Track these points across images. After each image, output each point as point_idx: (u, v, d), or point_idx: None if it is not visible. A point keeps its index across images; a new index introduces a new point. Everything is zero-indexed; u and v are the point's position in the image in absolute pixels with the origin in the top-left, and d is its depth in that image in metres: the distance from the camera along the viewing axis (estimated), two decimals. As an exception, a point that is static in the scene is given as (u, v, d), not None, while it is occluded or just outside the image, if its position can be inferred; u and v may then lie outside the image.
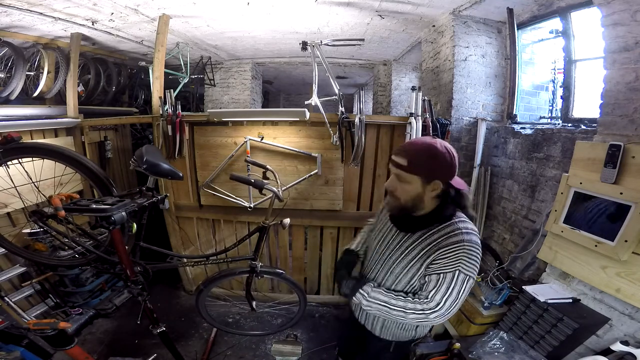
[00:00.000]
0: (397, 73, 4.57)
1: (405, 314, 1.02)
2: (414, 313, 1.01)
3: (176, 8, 2.60)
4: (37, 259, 2.02)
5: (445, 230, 1.04)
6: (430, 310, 1.00)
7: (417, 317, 1.01)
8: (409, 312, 1.02)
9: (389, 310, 1.05)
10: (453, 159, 1.02)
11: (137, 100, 4.67)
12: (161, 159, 1.66)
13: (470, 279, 1.00)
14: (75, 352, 1.47)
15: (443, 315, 1.00)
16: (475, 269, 1.01)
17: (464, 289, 0.99)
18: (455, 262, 0.99)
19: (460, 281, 0.99)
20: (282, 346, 1.82)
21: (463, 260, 0.99)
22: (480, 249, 1.02)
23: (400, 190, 1.06)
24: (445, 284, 0.99)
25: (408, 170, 1.02)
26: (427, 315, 1.00)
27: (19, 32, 2.82)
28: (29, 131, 2.62)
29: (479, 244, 1.03)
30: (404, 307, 1.03)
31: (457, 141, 2.69)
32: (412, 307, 1.02)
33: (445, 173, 1.02)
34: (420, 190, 1.03)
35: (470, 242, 1.00)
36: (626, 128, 1.52)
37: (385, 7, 2.56)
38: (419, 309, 1.01)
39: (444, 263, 1.01)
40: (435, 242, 1.04)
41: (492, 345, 1.53)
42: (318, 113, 2.36)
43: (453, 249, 1.00)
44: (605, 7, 1.55)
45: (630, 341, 1.36)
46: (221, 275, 2.02)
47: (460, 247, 0.99)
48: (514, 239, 2.35)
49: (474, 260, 1.00)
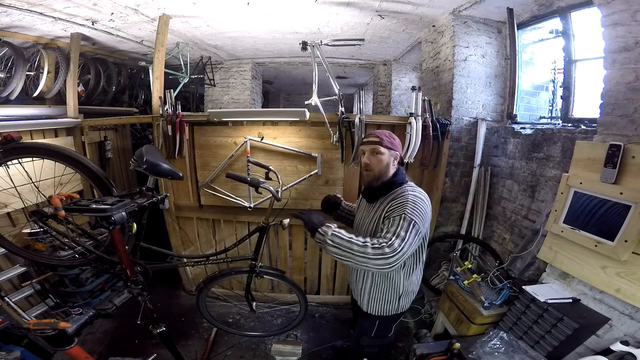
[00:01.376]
0: (397, 73, 4.57)
1: (364, 248, 1.15)
2: (373, 248, 1.14)
3: (176, 8, 2.60)
4: (37, 259, 2.02)
5: (398, 191, 1.36)
6: (384, 244, 1.14)
7: (375, 252, 1.13)
8: (369, 251, 1.14)
9: (348, 250, 1.17)
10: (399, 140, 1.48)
11: (137, 100, 4.67)
12: (161, 159, 1.66)
13: (415, 223, 1.21)
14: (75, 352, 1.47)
15: (395, 252, 1.13)
16: (418, 216, 1.23)
17: (410, 229, 1.19)
18: (401, 209, 1.25)
19: (406, 223, 1.20)
20: (282, 346, 1.83)
21: (407, 207, 1.24)
22: (424, 203, 1.29)
23: (374, 162, 1.39)
24: (394, 225, 1.21)
25: (381, 144, 1.38)
26: (382, 250, 1.13)
27: (19, 32, 2.82)
28: (29, 131, 2.62)
29: (423, 200, 1.31)
30: (364, 245, 1.16)
31: (457, 141, 2.69)
32: (370, 242, 1.17)
33: (398, 147, 1.44)
34: (388, 160, 1.39)
35: (414, 196, 1.30)
36: (626, 128, 1.52)
37: (385, 7, 2.56)
38: (376, 243, 1.16)
39: (393, 211, 1.27)
40: (390, 201, 1.34)
41: (492, 345, 1.53)
42: (318, 113, 2.36)
43: (400, 201, 1.29)
44: (605, 7, 1.55)
45: (630, 341, 1.36)
46: (222, 274, 2.02)
47: (405, 199, 1.28)
48: (514, 239, 2.35)
49: (417, 210, 1.25)
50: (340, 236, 1.20)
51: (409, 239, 1.17)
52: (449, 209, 2.82)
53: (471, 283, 2.02)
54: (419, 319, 2.68)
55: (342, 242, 1.18)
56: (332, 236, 1.21)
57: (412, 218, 1.21)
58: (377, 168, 1.38)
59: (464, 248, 2.75)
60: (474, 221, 2.72)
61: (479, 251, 2.68)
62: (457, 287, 2.08)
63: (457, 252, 2.70)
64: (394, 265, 1.14)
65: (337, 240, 1.19)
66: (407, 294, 1.49)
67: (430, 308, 2.70)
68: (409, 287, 1.48)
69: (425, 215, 1.26)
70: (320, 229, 1.26)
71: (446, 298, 2.15)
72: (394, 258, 1.13)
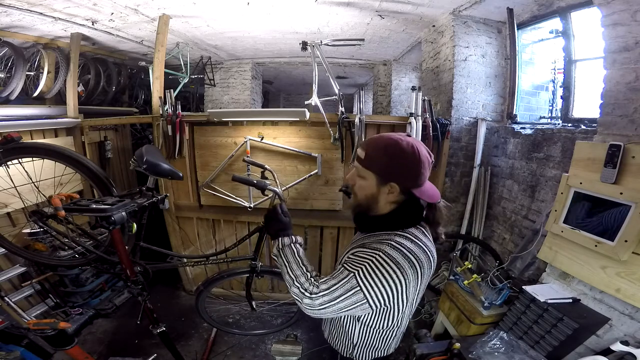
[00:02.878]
0: (397, 73, 4.57)
1: (293, 282, 0.94)
2: (298, 288, 0.92)
3: (176, 8, 2.60)
4: (37, 259, 2.02)
5: (379, 238, 0.91)
6: (309, 294, 0.89)
7: (297, 292, 0.92)
8: (296, 284, 0.93)
9: (286, 271, 0.97)
10: (419, 163, 0.87)
11: (137, 100, 4.67)
12: (161, 159, 1.66)
13: (360, 292, 0.85)
14: (75, 352, 1.48)
15: (311, 307, 0.89)
16: (372, 286, 0.84)
17: (346, 296, 0.86)
18: (358, 265, 0.87)
19: (348, 286, 0.86)
20: (282, 346, 1.82)
21: (366, 267, 0.85)
22: (399, 272, 0.84)
23: (357, 186, 0.97)
24: (335, 279, 0.88)
25: (364, 163, 0.92)
26: (304, 295, 0.90)
27: (19, 32, 2.82)
28: (29, 131, 2.63)
29: (402, 267, 0.84)
30: (296, 277, 0.94)
31: (457, 141, 2.69)
32: (301, 282, 0.92)
33: (405, 177, 0.88)
34: (374, 190, 0.92)
35: (387, 255, 0.85)
36: (626, 128, 1.52)
37: (385, 7, 2.56)
38: (305, 286, 0.91)
39: (351, 260, 0.90)
40: (362, 246, 0.93)
41: (492, 345, 1.53)
42: (318, 113, 2.36)
43: (366, 253, 0.88)
44: (605, 7, 1.55)
45: (630, 341, 1.36)
46: (221, 276, 2.02)
47: (373, 254, 0.86)
48: (514, 239, 2.35)
49: (378, 277, 0.84)
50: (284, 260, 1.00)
51: (340, 303, 0.87)
52: (448, 209, 2.82)
53: (471, 283, 2.02)
54: (419, 319, 2.67)
55: (283, 264, 1.00)
56: (285, 248, 1.03)
57: (360, 284, 0.85)
58: (359, 194, 0.97)
59: (464, 248, 2.75)
60: (474, 221, 2.72)
61: (479, 251, 2.69)
62: (457, 287, 2.08)
63: (457, 252, 2.70)
64: (311, 315, 0.94)
65: (279, 260, 1.02)
66: (366, 348, 1.11)
67: (430, 308, 2.70)
68: (367, 341, 1.09)
69: (390, 287, 0.85)
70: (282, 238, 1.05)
71: (446, 298, 2.15)
72: (309, 313, 0.92)
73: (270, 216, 1.14)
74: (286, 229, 1.08)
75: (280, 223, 1.10)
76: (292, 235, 1.07)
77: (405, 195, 0.91)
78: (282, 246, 1.04)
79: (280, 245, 1.04)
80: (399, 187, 0.89)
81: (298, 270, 0.95)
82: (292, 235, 1.07)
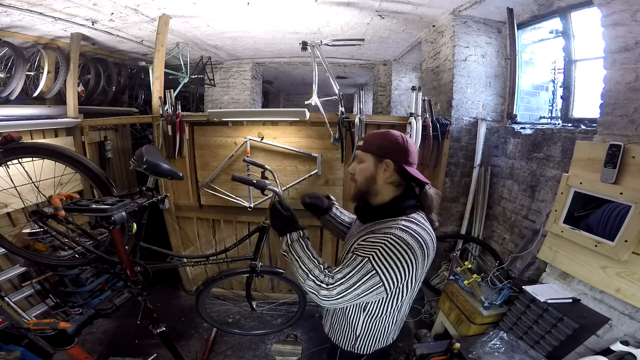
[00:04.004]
0: (397, 73, 4.57)
1: (307, 275, 0.96)
2: (313, 280, 0.94)
3: (176, 8, 2.60)
4: (37, 259, 2.02)
5: (387, 224, 0.98)
6: (325, 285, 0.92)
7: (313, 285, 0.94)
8: (310, 277, 0.95)
9: (298, 266, 0.99)
10: (406, 143, 1.03)
11: (137, 100, 4.67)
12: (161, 159, 1.66)
13: (376, 275, 0.90)
14: (75, 352, 1.48)
15: (329, 297, 0.92)
16: (387, 268, 0.90)
17: (362, 281, 0.90)
18: (371, 250, 0.92)
19: (364, 271, 0.90)
20: (282, 346, 1.82)
21: (380, 250, 0.90)
22: (410, 253, 0.90)
23: (357, 172, 1.08)
24: (349, 267, 0.92)
25: (363, 148, 1.07)
26: (320, 287, 0.92)
27: (19, 32, 2.82)
28: (29, 131, 2.63)
29: (413, 247, 0.91)
30: (310, 270, 0.96)
31: (457, 141, 2.69)
32: (316, 274, 0.95)
33: (396, 153, 1.01)
34: (372, 170, 1.04)
35: (399, 237, 0.91)
36: (626, 128, 1.52)
37: (385, 7, 2.56)
38: (320, 278, 0.94)
39: (362, 246, 0.95)
40: (370, 233, 1.00)
41: (492, 345, 1.53)
42: (318, 113, 2.36)
43: (377, 237, 0.94)
44: (605, 7, 1.55)
45: (630, 341, 1.36)
46: (221, 276, 2.02)
47: (385, 238, 0.92)
48: (514, 239, 2.35)
49: (392, 258, 0.90)
50: (294, 255, 1.03)
51: (358, 289, 0.91)
52: (449, 208, 2.82)
53: (471, 283, 2.02)
54: (419, 319, 2.68)
55: (293, 259, 1.02)
56: (294, 243, 1.05)
57: (375, 268, 0.90)
58: (359, 180, 1.08)
59: (464, 248, 2.75)
60: (474, 221, 2.72)
61: (479, 251, 2.69)
62: (457, 287, 2.08)
63: (457, 252, 2.70)
64: (327, 307, 0.97)
65: (289, 255, 1.04)
66: (368, 339, 1.16)
67: (430, 308, 2.70)
68: (370, 332, 1.15)
69: (402, 268, 0.91)
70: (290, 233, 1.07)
71: (446, 298, 2.15)
72: (327, 304, 0.94)
73: (273, 214, 1.15)
74: (292, 224, 1.10)
75: (284, 219, 1.11)
76: (299, 229, 1.09)
77: (399, 175, 1.03)
78: (290, 242, 1.06)
79: (289, 241, 1.06)
80: (393, 164, 1.01)
81: (310, 264, 0.98)
82: (299, 230, 1.09)
